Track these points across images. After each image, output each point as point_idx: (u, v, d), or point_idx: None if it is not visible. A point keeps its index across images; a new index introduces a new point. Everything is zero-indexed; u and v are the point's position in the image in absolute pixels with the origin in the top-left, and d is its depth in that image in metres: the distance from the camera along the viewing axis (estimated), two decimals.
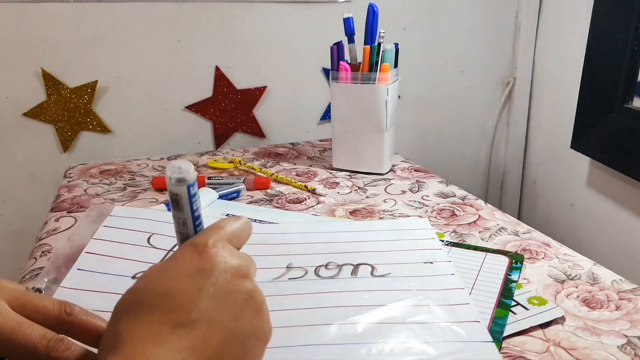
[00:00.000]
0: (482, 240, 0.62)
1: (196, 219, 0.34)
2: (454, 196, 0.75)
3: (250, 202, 0.72)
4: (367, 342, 0.42)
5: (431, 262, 0.54)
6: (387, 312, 0.46)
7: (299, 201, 0.73)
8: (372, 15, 0.79)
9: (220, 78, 1.07)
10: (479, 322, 0.45)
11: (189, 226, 0.34)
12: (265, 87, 1.10)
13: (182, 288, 0.31)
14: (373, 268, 0.53)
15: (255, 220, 0.65)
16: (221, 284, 0.31)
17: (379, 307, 0.46)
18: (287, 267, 0.53)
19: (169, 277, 0.31)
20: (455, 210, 0.70)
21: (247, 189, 0.77)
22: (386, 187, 0.78)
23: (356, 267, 0.54)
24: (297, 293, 0.49)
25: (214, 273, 0.31)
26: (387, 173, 0.85)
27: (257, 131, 1.13)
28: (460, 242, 0.61)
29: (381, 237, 0.60)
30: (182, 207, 0.33)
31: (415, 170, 0.86)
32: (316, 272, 0.53)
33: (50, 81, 0.97)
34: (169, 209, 0.66)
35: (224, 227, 0.35)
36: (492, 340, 0.43)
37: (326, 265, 0.54)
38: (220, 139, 1.11)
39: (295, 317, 0.45)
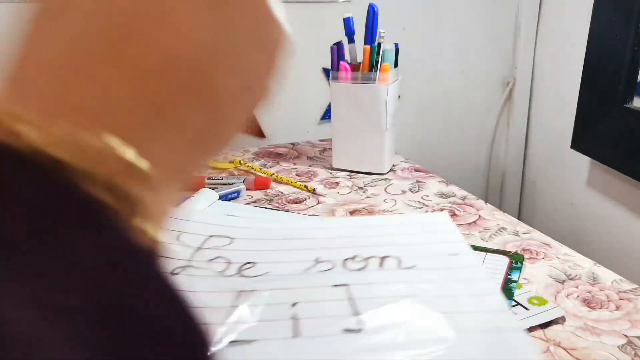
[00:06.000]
0: (482, 240, 0.62)
1: None
2: (454, 196, 0.75)
3: (250, 202, 0.72)
4: (400, 331, 0.43)
5: (456, 254, 0.55)
6: (418, 303, 0.47)
7: (299, 201, 0.73)
8: (372, 15, 0.79)
9: None
10: (509, 311, 0.46)
11: None
12: None
13: None
14: (399, 261, 0.54)
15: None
16: None
17: (409, 297, 0.48)
18: (315, 260, 0.54)
19: None
20: (456, 210, 0.70)
21: (247, 189, 0.76)
22: (386, 187, 0.78)
23: (382, 259, 0.55)
24: (328, 285, 0.50)
25: None
26: (387, 173, 0.85)
27: (257, 131, 1.13)
28: None
29: (403, 231, 0.61)
30: None
31: (416, 170, 0.86)
32: (344, 265, 0.54)
33: None
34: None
35: None
36: (524, 327, 0.44)
37: (353, 258, 0.55)
38: None
39: (329, 308, 0.46)
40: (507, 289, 0.51)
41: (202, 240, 0.58)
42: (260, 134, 1.12)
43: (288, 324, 0.44)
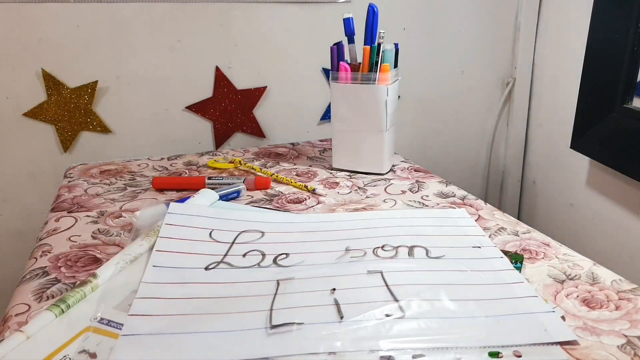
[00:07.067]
0: None
1: None
2: (454, 196, 0.75)
3: (250, 202, 0.72)
4: (439, 317, 0.45)
5: (479, 247, 0.58)
6: (450, 291, 0.49)
7: (299, 201, 0.73)
8: (372, 15, 0.79)
9: (220, 78, 1.07)
10: (537, 297, 0.48)
11: None
12: (265, 88, 1.10)
13: None
14: (427, 250, 0.56)
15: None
16: None
17: (442, 285, 0.50)
18: (346, 249, 0.57)
19: None
20: None
21: (247, 189, 0.77)
22: (386, 187, 0.78)
23: (411, 248, 0.57)
24: (363, 272, 0.52)
25: None
26: (387, 173, 0.85)
27: (257, 131, 1.13)
28: None
29: (427, 223, 0.64)
30: None
31: (415, 170, 0.86)
32: (375, 253, 0.56)
33: (50, 81, 0.97)
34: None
35: None
36: (553, 310, 0.46)
37: (382, 247, 0.57)
38: (220, 139, 1.11)
39: (367, 294, 0.48)
40: None
41: (234, 236, 0.60)
42: (260, 133, 1.12)
43: (331, 308, 0.46)
